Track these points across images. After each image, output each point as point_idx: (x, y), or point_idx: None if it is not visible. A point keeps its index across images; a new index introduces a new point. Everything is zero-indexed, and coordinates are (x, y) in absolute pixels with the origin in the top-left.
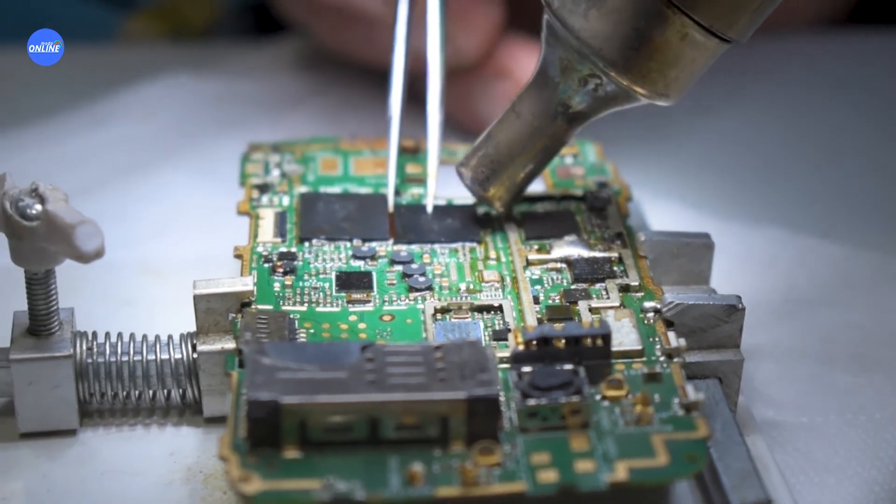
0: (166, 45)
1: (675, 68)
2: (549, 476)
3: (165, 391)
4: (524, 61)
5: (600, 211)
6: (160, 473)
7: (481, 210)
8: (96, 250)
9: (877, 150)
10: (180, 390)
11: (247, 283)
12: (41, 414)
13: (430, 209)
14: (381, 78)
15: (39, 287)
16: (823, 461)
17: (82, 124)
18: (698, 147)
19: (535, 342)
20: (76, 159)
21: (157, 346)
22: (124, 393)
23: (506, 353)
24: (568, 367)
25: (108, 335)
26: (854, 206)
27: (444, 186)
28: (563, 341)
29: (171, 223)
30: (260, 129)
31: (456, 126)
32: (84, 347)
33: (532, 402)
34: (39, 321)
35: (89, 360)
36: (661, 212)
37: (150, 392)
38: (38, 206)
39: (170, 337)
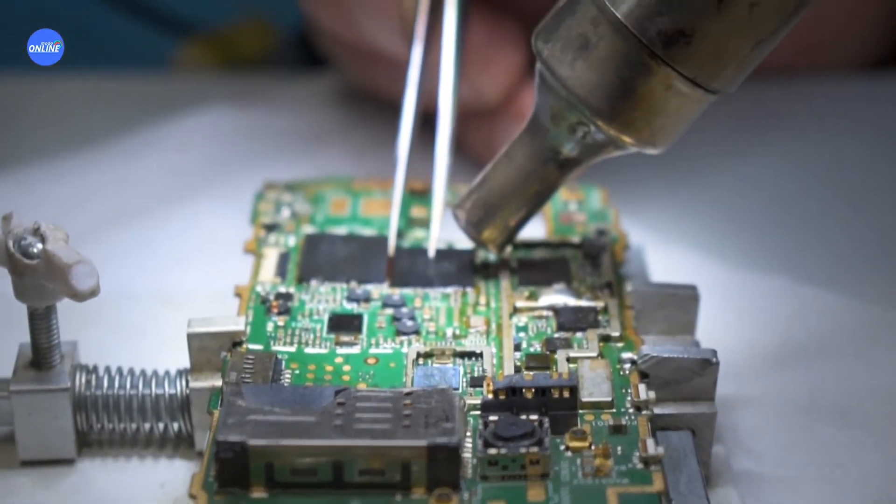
0: (213, 75)
1: (660, 117)
2: None
3: (161, 425)
4: None
5: (595, 259)
6: None
7: (480, 256)
8: (91, 289)
9: None
10: (174, 424)
11: (238, 323)
12: (40, 443)
13: (431, 254)
14: None
15: (41, 322)
16: None
17: (121, 153)
18: (714, 192)
19: (503, 392)
20: (111, 188)
21: (154, 381)
22: (121, 425)
23: (479, 401)
24: (533, 417)
25: (107, 369)
26: (862, 258)
27: (445, 229)
28: (531, 391)
29: (192, 255)
30: (290, 163)
31: (479, 166)
32: (83, 380)
33: (493, 451)
34: (41, 354)
35: (87, 393)
36: (664, 258)
37: (146, 425)
38: (39, 245)
39: (166, 372)
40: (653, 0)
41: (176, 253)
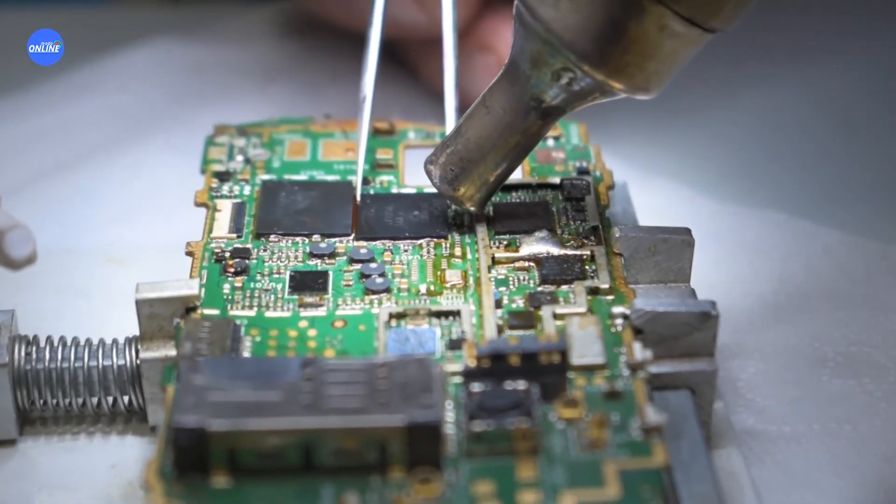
0: (156, 5)
1: (654, 61)
2: None
3: (110, 399)
4: (507, 35)
5: (578, 201)
6: (99, 488)
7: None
8: (27, 257)
9: None
10: (125, 398)
11: (192, 287)
12: None
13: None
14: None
15: None
16: (803, 476)
17: (57, 96)
18: (700, 121)
19: (487, 358)
20: (46, 135)
21: (101, 351)
22: (66, 401)
23: (459, 367)
24: (521, 385)
25: (49, 339)
26: (861, 189)
27: (414, 174)
28: (518, 357)
29: (141, 206)
30: (243, 101)
31: (439, 99)
32: (22, 353)
33: (478, 426)
34: None
35: (27, 367)
36: (652, 193)
37: (94, 399)
38: None
39: (114, 341)
40: None
41: (121, 206)
